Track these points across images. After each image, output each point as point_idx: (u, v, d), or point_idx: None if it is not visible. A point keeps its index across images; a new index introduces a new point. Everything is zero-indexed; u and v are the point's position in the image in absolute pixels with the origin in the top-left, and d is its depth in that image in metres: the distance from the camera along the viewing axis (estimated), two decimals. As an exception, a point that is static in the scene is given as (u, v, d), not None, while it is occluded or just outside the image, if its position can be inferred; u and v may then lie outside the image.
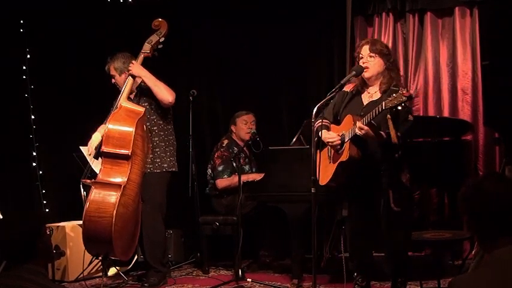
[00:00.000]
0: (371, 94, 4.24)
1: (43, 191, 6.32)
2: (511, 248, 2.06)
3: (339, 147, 4.16)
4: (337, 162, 4.18)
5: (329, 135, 4.22)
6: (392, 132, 3.86)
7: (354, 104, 4.29)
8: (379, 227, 4.17)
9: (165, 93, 5.06)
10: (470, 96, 6.05)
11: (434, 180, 5.41)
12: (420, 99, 6.23)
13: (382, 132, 3.96)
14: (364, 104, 4.23)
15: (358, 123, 3.90)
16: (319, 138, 4.27)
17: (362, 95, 4.29)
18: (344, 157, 4.10)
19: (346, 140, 4.09)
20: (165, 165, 5.16)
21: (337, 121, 4.35)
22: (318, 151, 4.28)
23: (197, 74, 6.83)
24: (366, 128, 3.89)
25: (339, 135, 4.18)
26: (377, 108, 3.86)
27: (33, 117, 6.34)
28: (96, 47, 6.45)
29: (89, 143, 5.04)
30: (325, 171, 4.30)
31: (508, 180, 2.23)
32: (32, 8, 6.28)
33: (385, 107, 3.79)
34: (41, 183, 6.31)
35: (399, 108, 3.77)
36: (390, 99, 3.78)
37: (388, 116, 3.83)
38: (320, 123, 4.32)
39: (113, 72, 5.20)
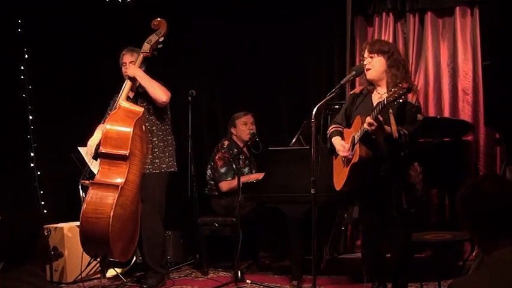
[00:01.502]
0: (381, 95, 4.21)
1: (41, 192, 6.29)
2: (511, 249, 2.04)
3: (350, 157, 4.13)
4: (350, 165, 4.15)
5: (340, 146, 4.20)
6: (393, 127, 3.84)
7: (364, 105, 4.27)
8: (389, 228, 4.13)
9: (159, 93, 5.03)
10: (471, 97, 6.04)
11: (435, 181, 5.38)
12: (421, 99, 6.17)
13: (387, 127, 3.93)
14: (374, 104, 4.20)
15: (368, 119, 3.88)
16: (331, 144, 4.26)
17: (372, 96, 4.27)
18: (355, 159, 4.08)
19: (356, 142, 4.07)
20: (164, 165, 5.14)
21: (350, 125, 4.33)
22: (334, 157, 4.27)
23: (197, 74, 6.81)
24: (375, 123, 3.86)
25: (349, 146, 4.14)
26: (380, 103, 3.85)
27: (31, 117, 6.30)
28: (94, 47, 6.43)
29: (89, 142, 5.00)
30: (340, 176, 4.28)
31: (507, 181, 2.22)
32: (30, 8, 6.25)
33: (386, 101, 3.79)
34: (39, 184, 6.28)
35: (400, 100, 3.78)
36: (390, 93, 3.79)
37: (390, 110, 3.82)
38: (332, 129, 4.30)
39: (132, 58, 5.11)
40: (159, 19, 5.11)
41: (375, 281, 4.36)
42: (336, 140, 4.26)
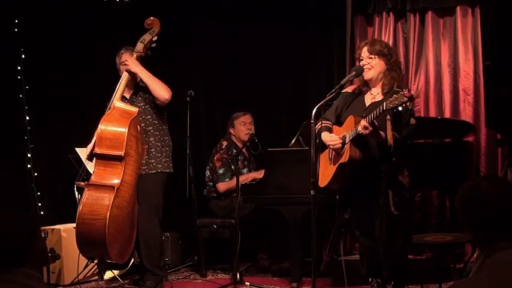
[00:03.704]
0: (374, 95, 4.20)
1: (38, 193, 6.24)
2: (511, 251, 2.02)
3: (339, 150, 4.09)
4: (337, 164, 4.11)
5: (330, 138, 4.16)
6: (389, 134, 3.80)
7: (356, 104, 4.24)
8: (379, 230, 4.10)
9: (161, 90, 4.99)
10: (472, 97, 6.01)
11: (436, 183, 5.34)
12: (421, 100, 6.18)
13: (382, 133, 3.90)
14: (367, 105, 4.18)
15: (363, 122, 3.86)
16: (321, 140, 4.21)
17: (365, 96, 4.25)
18: (344, 159, 4.04)
19: (347, 142, 4.03)
20: (160, 166, 5.09)
21: (339, 123, 4.29)
22: (320, 153, 4.23)
23: (195, 74, 6.77)
24: (370, 127, 3.82)
25: (340, 137, 4.11)
26: (378, 108, 3.81)
27: (28, 118, 6.26)
28: (92, 46, 6.38)
29: (88, 147, 4.98)
30: (325, 173, 4.25)
31: (507, 182, 2.19)
32: (27, 8, 6.20)
33: (386, 107, 3.75)
34: (36, 185, 6.22)
35: (400, 109, 3.72)
36: (391, 99, 3.74)
37: (388, 117, 3.77)
38: (321, 125, 4.26)
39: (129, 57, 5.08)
40: (152, 18, 5.08)
41: (373, 281, 4.32)
42: (325, 134, 4.22)
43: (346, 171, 4.09)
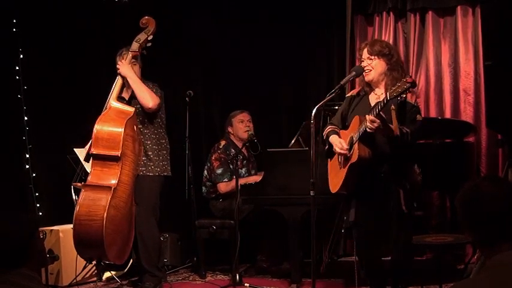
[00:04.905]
0: (378, 95, 4.16)
1: (36, 194, 6.22)
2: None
3: (348, 154, 4.05)
4: (348, 165, 4.06)
5: (339, 143, 4.12)
6: (395, 123, 3.76)
7: (361, 106, 4.22)
8: (388, 231, 4.05)
9: (146, 98, 4.94)
10: (473, 97, 5.98)
11: (436, 183, 5.32)
12: (421, 100, 6.14)
13: (390, 125, 3.86)
14: (371, 105, 4.14)
15: (369, 116, 3.82)
16: (330, 146, 4.18)
17: (369, 97, 4.21)
18: (354, 158, 3.99)
19: (354, 141, 3.99)
20: (158, 169, 5.06)
21: (345, 127, 4.26)
22: (329, 160, 4.19)
23: (194, 74, 6.75)
24: (377, 120, 3.78)
25: (347, 143, 4.06)
26: (383, 100, 3.78)
27: (26, 118, 6.23)
28: (91, 47, 6.36)
29: (86, 147, 4.96)
30: (336, 177, 4.20)
31: (507, 182, 2.18)
32: (26, 7, 6.18)
33: (390, 97, 3.72)
34: (34, 186, 6.20)
35: (404, 95, 3.71)
36: (394, 88, 3.72)
37: (392, 106, 3.74)
38: (329, 129, 4.24)
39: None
40: (147, 17, 5.05)
41: (373, 285, 4.29)
42: (334, 138, 4.19)
43: (356, 171, 4.05)
